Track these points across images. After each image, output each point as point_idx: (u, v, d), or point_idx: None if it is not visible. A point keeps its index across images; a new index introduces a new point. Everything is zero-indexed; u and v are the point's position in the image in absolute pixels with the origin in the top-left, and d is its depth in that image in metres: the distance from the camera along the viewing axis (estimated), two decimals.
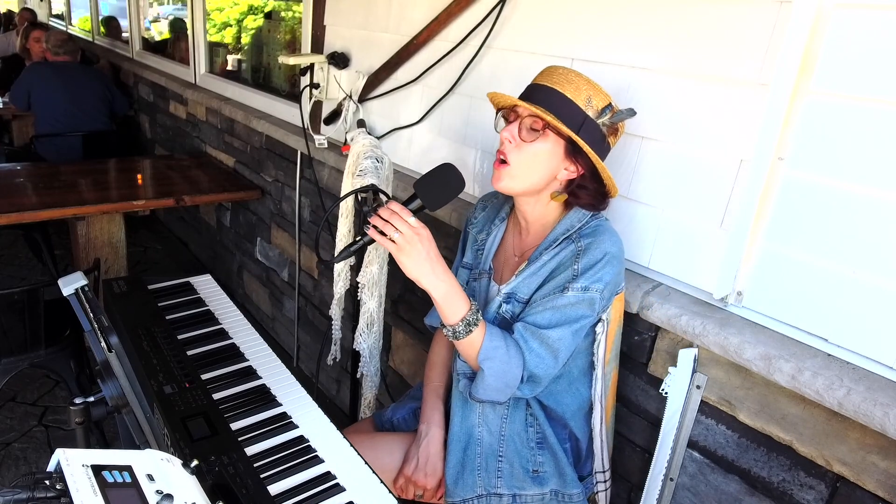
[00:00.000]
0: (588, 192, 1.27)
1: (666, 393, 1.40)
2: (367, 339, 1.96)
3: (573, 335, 1.23)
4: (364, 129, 2.19)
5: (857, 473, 1.15)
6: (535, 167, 1.24)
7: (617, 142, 1.31)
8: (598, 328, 1.30)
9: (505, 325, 1.30)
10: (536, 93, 1.24)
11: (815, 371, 1.13)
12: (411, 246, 1.15)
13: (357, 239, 1.23)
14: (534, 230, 1.35)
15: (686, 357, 1.36)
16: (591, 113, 1.22)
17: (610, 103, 1.24)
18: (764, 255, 1.26)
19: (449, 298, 1.20)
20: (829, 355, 1.18)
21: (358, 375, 2.03)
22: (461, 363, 1.31)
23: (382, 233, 1.17)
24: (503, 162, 1.26)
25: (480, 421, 1.36)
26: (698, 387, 1.36)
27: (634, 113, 1.26)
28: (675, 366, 1.38)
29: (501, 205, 1.47)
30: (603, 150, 1.26)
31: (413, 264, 1.17)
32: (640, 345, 1.46)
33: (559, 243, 1.27)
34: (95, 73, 4.37)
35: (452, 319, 1.20)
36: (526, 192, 1.29)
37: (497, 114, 1.34)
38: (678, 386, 1.38)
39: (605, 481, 1.44)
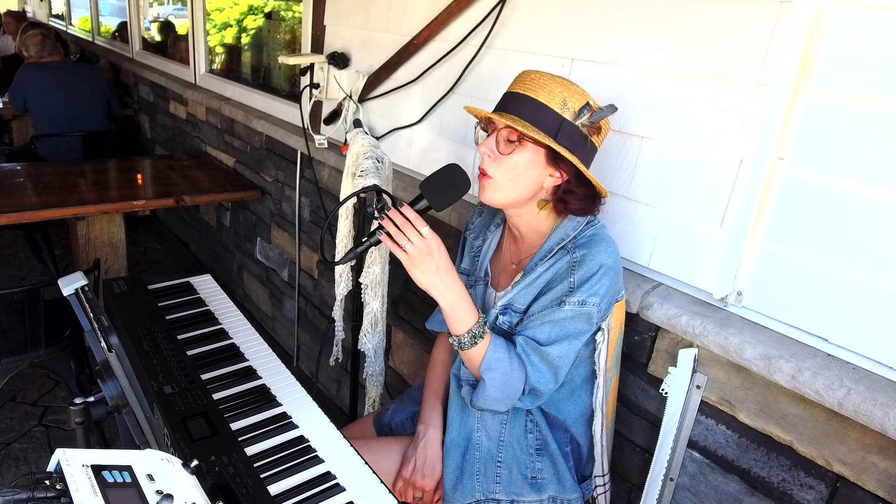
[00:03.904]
0: (577, 196, 1.23)
1: (666, 393, 1.40)
2: (372, 340, 1.96)
3: (574, 352, 1.24)
4: (361, 129, 2.19)
5: (857, 473, 1.15)
6: (518, 178, 1.21)
7: (603, 141, 1.28)
8: (599, 336, 1.29)
9: (503, 335, 1.29)
10: (511, 102, 1.21)
11: (815, 371, 1.13)
12: (421, 258, 1.14)
13: (363, 240, 1.22)
14: (528, 239, 1.33)
15: (686, 357, 1.36)
16: (567, 115, 1.18)
17: (588, 102, 1.19)
18: (764, 254, 1.26)
19: (456, 309, 1.19)
20: (829, 355, 1.18)
21: (364, 376, 2.03)
22: (464, 369, 1.31)
23: (391, 236, 1.15)
24: (485, 175, 1.23)
25: (479, 426, 1.36)
26: (698, 387, 1.36)
27: (615, 109, 1.21)
28: (675, 366, 1.38)
29: (496, 211, 1.45)
30: (587, 152, 1.22)
31: (422, 276, 1.16)
32: (640, 345, 1.46)
33: (554, 253, 1.25)
34: (90, 70, 4.35)
35: (459, 330, 1.20)
36: (514, 204, 1.26)
37: (476, 126, 1.30)
38: (678, 386, 1.38)
39: (604, 484, 1.45)
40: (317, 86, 2.45)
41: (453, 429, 1.38)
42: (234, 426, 1.19)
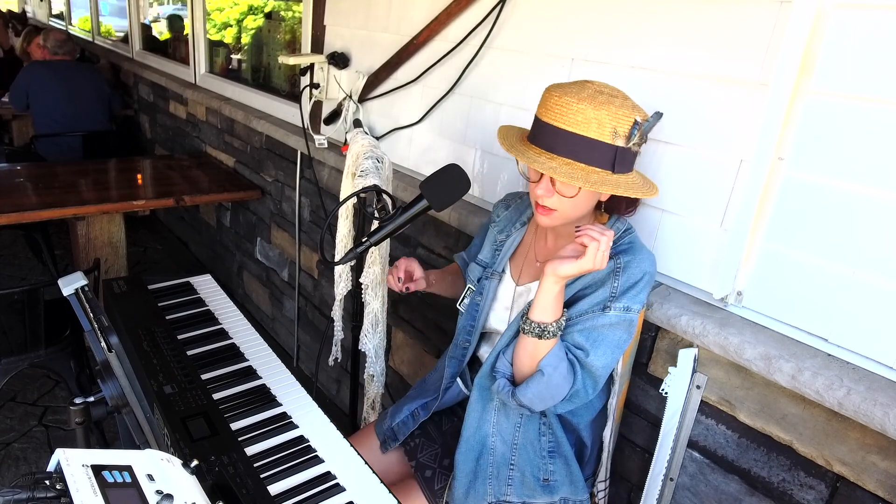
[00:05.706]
0: (626, 201, 1.26)
1: (666, 393, 1.40)
2: (373, 340, 1.96)
3: (616, 362, 1.25)
4: (361, 129, 2.19)
5: (857, 473, 1.15)
6: (580, 207, 1.23)
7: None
8: None
9: None
10: (557, 140, 1.15)
11: (815, 371, 1.13)
12: (583, 270, 1.15)
13: (364, 240, 1.23)
14: (563, 239, 1.33)
15: (686, 357, 1.36)
16: (620, 143, 1.14)
17: (636, 120, 1.15)
18: (764, 254, 1.26)
19: (559, 299, 1.19)
20: (829, 355, 1.18)
21: (365, 376, 2.03)
22: (504, 363, 1.28)
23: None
24: (547, 210, 1.23)
25: (494, 430, 1.36)
26: (698, 387, 1.36)
27: (661, 115, 1.18)
28: (675, 366, 1.38)
29: (525, 208, 1.45)
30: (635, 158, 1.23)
31: (570, 271, 1.15)
32: (641, 345, 1.46)
33: None
34: (93, 70, 4.35)
35: (550, 317, 1.19)
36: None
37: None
38: (678, 386, 1.38)
39: (605, 489, 1.46)
40: (317, 86, 2.45)
41: (469, 434, 1.38)
42: (234, 426, 1.19)
